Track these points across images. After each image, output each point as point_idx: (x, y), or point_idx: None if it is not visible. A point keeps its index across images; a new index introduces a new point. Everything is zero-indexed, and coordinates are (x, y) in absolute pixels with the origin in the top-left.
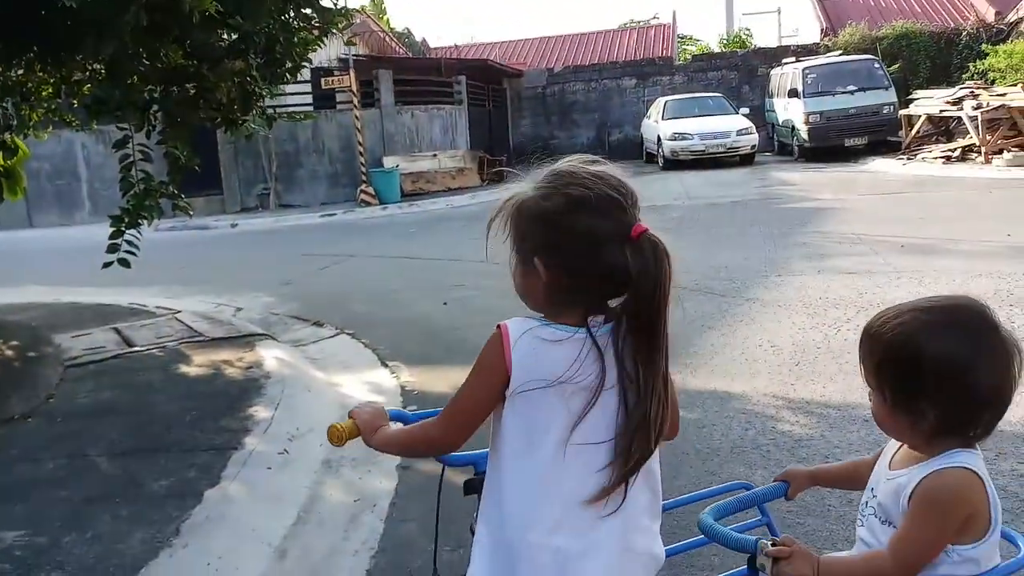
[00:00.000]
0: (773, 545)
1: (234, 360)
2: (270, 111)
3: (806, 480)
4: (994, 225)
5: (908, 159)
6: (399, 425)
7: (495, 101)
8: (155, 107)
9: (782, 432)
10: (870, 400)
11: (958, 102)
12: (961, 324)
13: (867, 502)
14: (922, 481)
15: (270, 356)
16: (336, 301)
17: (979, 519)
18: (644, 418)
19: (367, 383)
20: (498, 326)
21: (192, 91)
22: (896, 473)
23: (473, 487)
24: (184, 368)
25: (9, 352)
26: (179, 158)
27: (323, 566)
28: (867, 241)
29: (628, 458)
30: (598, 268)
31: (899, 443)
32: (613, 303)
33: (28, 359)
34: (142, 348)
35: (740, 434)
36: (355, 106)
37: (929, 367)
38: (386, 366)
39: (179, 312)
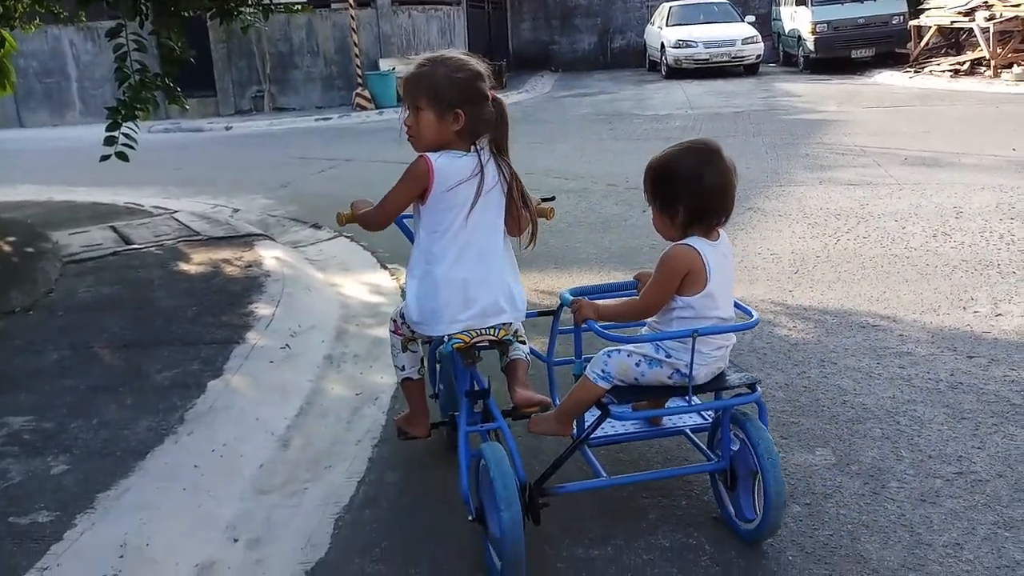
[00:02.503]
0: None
1: (233, 259)
2: (266, 1)
3: (648, 279)
4: (999, 139)
5: (915, 72)
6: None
7: (494, 3)
8: None
9: (779, 337)
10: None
11: (970, 12)
12: (694, 151)
13: None
14: (662, 253)
15: (269, 256)
16: (334, 204)
17: (696, 279)
18: (518, 198)
19: (366, 284)
20: (421, 156)
21: None
22: None
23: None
24: (183, 266)
25: (7, 248)
26: (174, 48)
27: (326, 454)
28: (870, 153)
29: (512, 223)
30: (487, 114)
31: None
32: (480, 140)
33: (26, 255)
34: (140, 246)
35: (738, 338)
36: (351, 5)
37: (677, 178)
38: (385, 268)
39: (176, 212)
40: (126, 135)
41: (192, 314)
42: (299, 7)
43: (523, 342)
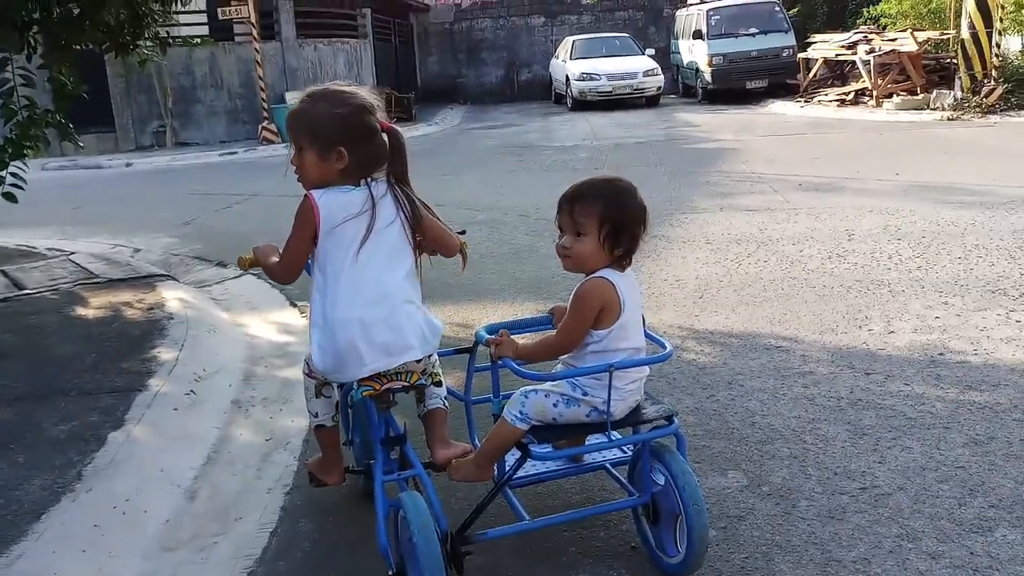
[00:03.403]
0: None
1: (134, 302)
2: (164, 35)
3: (564, 313)
4: (884, 165)
5: (805, 102)
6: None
7: (401, 37)
8: (35, 28)
9: (687, 361)
10: (565, 249)
11: (852, 46)
12: (629, 190)
13: None
14: (576, 288)
15: (172, 297)
16: (240, 241)
17: (610, 313)
18: (418, 231)
19: (275, 323)
20: (305, 195)
21: (76, 11)
22: None
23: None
24: (81, 311)
25: None
26: (65, 84)
27: (236, 505)
28: (767, 180)
29: (440, 247)
30: (376, 148)
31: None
32: (376, 173)
33: None
34: (33, 291)
35: None
36: (255, 38)
37: (630, 210)
38: (295, 306)
39: (73, 254)
40: (14, 175)
41: (90, 361)
42: (199, 40)
43: (439, 383)
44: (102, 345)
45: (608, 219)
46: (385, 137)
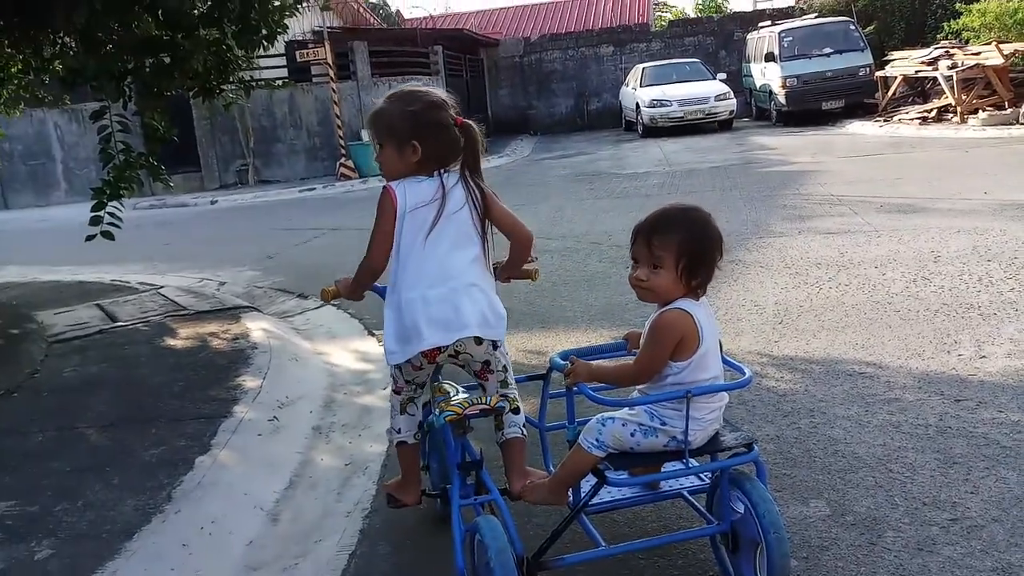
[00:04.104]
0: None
1: (220, 332)
2: (247, 79)
3: (638, 339)
4: (971, 183)
5: (885, 121)
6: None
7: (472, 71)
8: (130, 78)
9: (767, 388)
10: (641, 281)
11: (933, 62)
12: (705, 220)
13: None
14: (653, 318)
15: (256, 327)
16: (320, 273)
17: (689, 344)
18: (488, 219)
19: (354, 351)
20: (384, 187)
21: (167, 60)
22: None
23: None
24: (170, 341)
25: None
26: (157, 129)
27: (317, 527)
28: (846, 202)
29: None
30: (447, 141)
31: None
32: (452, 166)
33: (10, 336)
34: (126, 323)
35: (728, 393)
36: (331, 79)
37: (712, 241)
38: (372, 335)
39: (162, 287)
40: (111, 214)
41: (179, 389)
42: (280, 83)
43: (517, 410)
44: (190, 374)
45: (686, 252)
46: (458, 132)
